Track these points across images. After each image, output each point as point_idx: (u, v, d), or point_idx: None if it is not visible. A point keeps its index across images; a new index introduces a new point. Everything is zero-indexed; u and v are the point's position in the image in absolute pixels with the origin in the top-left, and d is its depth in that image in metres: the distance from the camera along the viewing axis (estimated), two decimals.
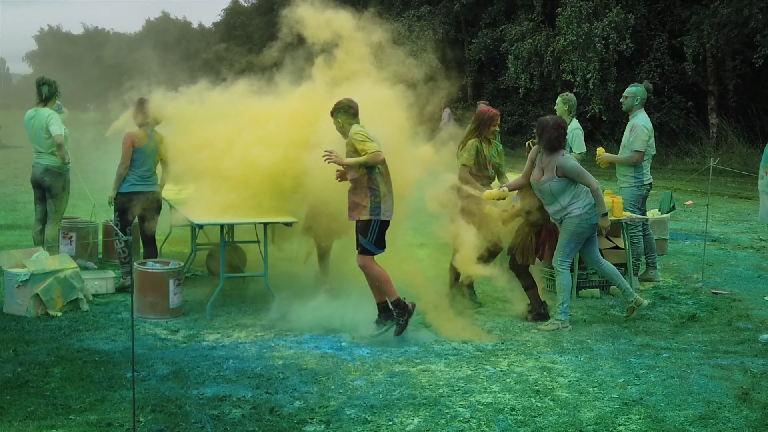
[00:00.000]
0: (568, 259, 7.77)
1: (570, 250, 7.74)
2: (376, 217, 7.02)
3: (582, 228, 7.63)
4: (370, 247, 7.08)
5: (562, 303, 7.70)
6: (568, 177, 7.57)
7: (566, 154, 7.72)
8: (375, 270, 7.09)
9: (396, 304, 7.08)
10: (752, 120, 23.52)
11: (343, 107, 7.20)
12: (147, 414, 5.42)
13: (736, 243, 12.35)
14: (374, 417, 5.47)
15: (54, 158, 8.92)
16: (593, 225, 7.69)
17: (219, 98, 8.77)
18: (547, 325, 7.71)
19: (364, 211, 7.03)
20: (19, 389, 5.83)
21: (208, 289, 8.59)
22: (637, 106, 9.19)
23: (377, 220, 7.03)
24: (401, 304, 7.08)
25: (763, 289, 9.33)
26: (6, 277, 7.93)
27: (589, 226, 7.66)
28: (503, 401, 5.79)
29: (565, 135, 7.79)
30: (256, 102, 8.71)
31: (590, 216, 7.62)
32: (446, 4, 32.72)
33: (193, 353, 6.77)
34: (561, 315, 7.69)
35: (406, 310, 7.07)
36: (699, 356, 6.87)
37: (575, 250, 7.82)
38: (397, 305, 7.07)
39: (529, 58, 27.15)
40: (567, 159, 7.63)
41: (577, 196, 7.63)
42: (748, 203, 16.96)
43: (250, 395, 5.82)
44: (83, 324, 7.55)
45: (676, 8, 25.29)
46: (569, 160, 7.64)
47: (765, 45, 21.43)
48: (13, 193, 16.58)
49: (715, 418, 5.53)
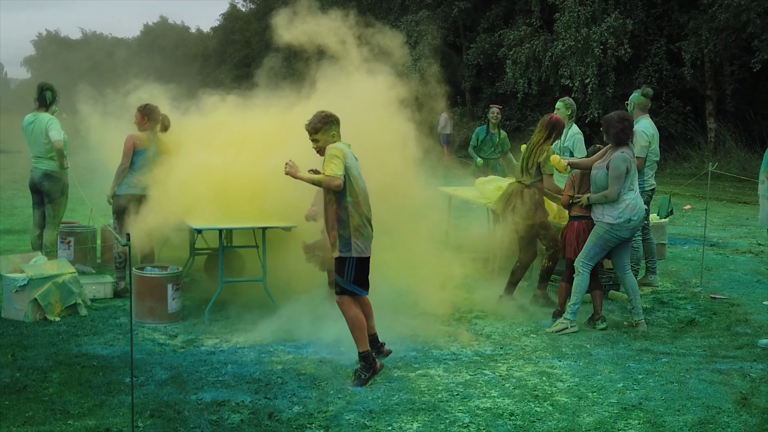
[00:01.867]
0: (590, 263, 7.72)
1: (594, 254, 7.71)
2: (346, 254, 6.23)
3: (610, 236, 7.59)
4: (349, 287, 6.30)
5: (573, 303, 7.70)
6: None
7: (625, 151, 7.56)
8: (352, 312, 6.30)
9: (364, 356, 6.30)
10: (750, 125, 23.55)
11: (335, 120, 6.40)
12: (146, 419, 5.41)
13: (734, 248, 12.36)
14: (373, 422, 5.46)
15: (53, 163, 8.92)
16: (622, 239, 7.61)
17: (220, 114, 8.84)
18: (556, 325, 7.72)
19: (335, 247, 6.28)
20: (17, 394, 5.82)
21: (206, 294, 8.58)
22: (637, 112, 9.21)
23: (350, 258, 6.25)
24: (369, 358, 6.31)
25: (761, 293, 9.33)
26: (4, 282, 7.92)
27: (616, 238, 7.60)
28: (502, 406, 5.78)
29: (630, 128, 7.61)
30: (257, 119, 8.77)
31: (621, 229, 7.54)
32: (444, 9, 32.75)
33: (192, 358, 6.76)
34: (570, 315, 7.70)
35: (372, 367, 6.28)
36: (698, 361, 6.87)
37: (599, 256, 7.75)
38: (365, 358, 6.29)
39: (527, 62, 27.18)
40: (620, 155, 7.50)
41: (615, 204, 7.55)
42: (746, 208, 16.98)
43: (249, 400, 5.81)
44: (81, 329, 7.53)
45: (674, 13, 25.33)
46: (620, 157, 7.50)
47: (763, 50, 21.47)
48: (11, 197, 16.57)
49: (714, 423, 5.52)
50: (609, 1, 25.37)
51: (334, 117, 6.42)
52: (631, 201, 7.52)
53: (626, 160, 7.50)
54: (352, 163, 6.27)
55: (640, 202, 7.65)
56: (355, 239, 6.22)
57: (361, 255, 6.27)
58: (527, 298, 8.76)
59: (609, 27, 24.28)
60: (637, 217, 7.54)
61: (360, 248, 6.25)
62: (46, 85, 9.13)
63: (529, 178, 8.45)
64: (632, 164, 7.54)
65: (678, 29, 24.97)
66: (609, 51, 24.37)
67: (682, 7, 25.03)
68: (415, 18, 32.31)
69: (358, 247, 6.24)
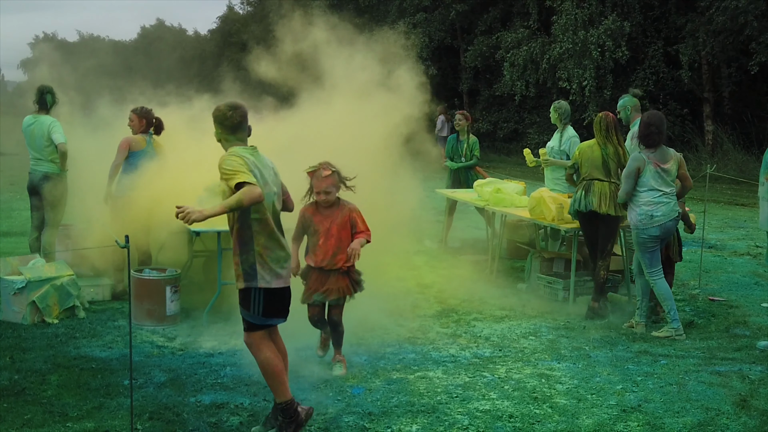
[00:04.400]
0: (652, 269, 7.69)
1: (647, 261, 7.69)
2: (251, 285, 5.09)
3: (642, 238, 7.62)
4: (256, 320, 5.17)
5: (668, 312, 7.68)
6: None
7: (643, 151, 7.60)
8: (264, 355, 5.17)
9: (283, 408, 5.15)
10: (748, 127, 23.58)
11: (217, 117, 5.21)
12: (144, 422, 5.40)
13: (732, 250, 12.37)
14: (372, 424, 5.46)
15: (53, 165, 8.92)
16: (653, 236, 7.59)
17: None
18: (662, 331, 7.70)
19: (239, 277, 5.14)
20: (15, 397, 5.81)
21: (205, 296, 8.57)
22: (633, 115, 9.23)
23: (257, 288, 5.10)
24: (291, 409, 5.16)
25: (760, 295, 9.34)
26: (2, 285, 7.90)
27: (649, 237, 7.59)
28: (501, 408, 5.78)
29: (656, 132, 7.59)
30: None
31: (646, 227, 7.56)
32: (442, 11, 32.80)
33: (191, 360, 6.75)
34: (673, 323, 7.67)
35: (295, 421, 5.16)
36: (697, 363, 6.87)
37: (654, 258, 7.70)
38: (284, 410, 5.15)
39: (524, 65, 27.22)
40: (633, 158, 7.64)
41: (635, 203, 7.63)
42: (744, 210, 17.00)
43: (248, 402, 5.80)
44: (80, 331, 7.52)
45: (671, 16, 25.37)
46: (633, 160, 7.63)
47: (760, 52, 21.51)
48: (9, 200, 16.54)
49: (713, 425, 5.52)
50: (606, 4, 25.42)
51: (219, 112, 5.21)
52: (651, 199, 7.56)
53: (637, 159, 7.58)
54: (258, 170, 5.08)
55: (665, 200, 7.59)
56: (260, 266, 5.10)
57: (268, 286, 5.13)
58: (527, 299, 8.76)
59: (606, 29, 24.32)
60: (660, 213, 7.54)
61: (266, 278, 5.11)
62: (47, 88, 9.13)
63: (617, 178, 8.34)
64: (647, 164, 7.55)
65: (675, 32, 25.01)
66: (606, 53, 24.41)
67: (679, 9, 25.08)
68: (412, 20, 32.36)
69: (265, 276, 5.10)
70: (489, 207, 10.24)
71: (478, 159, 12.28)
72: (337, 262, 6.34)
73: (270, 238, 5.14)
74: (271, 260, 5.12)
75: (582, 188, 8.34)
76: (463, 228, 13.44)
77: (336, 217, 6.36)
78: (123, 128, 9.02)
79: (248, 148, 5.19)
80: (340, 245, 6.32)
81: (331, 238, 6.33)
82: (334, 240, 6.33)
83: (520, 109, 30.64)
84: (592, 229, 8.44)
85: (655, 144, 7.60)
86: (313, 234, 6.42)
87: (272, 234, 5.15)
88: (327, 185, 6.25)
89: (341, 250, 6.32)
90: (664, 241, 7.77)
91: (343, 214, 6.37)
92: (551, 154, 10.06)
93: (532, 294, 9.17)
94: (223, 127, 5.19)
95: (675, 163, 7.66)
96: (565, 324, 8.07)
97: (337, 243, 6.32)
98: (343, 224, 6.35)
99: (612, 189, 8.19)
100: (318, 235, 6.37)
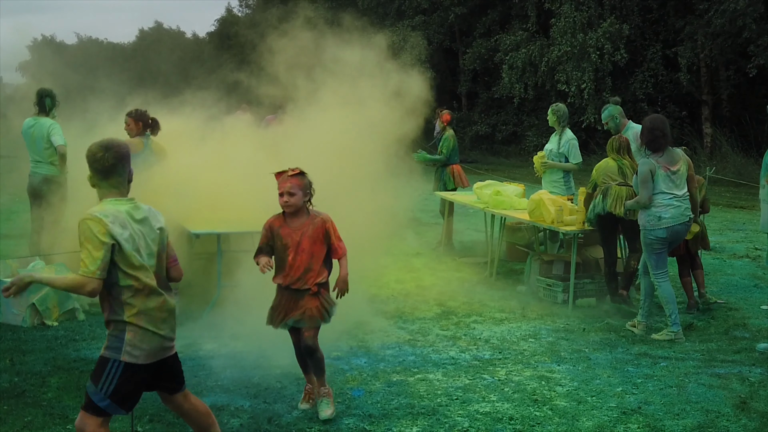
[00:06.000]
0: (658, 271, 7.70)
1: (654, 261, 7.69)
2: (114, 356, 4.13)
3: (650, 239, 7.62)
4: (99, 399, 4.13)
5: (669, 315, 7.68)
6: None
7: (650, 157, 7.62)
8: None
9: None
10: (746, 129, 23.59)
11: (88, 158, 4.28)
12: (145, 424, 5.40)
13: (731, 252, 12.37)
14: (372, 426, 5.46)
15: (53, 168, 8.93)
16: (661, 239, 7.59)
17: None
18: (661, 334, 7.70)
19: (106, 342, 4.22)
20: (16, 399, 5.81)
21: (204, 298, 8.56)
22: (622, 122, 9.33)
23: (117, 361, 4.12)
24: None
25: (759, 298, 9.34)
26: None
27: (656, 239, 7.59)
28: (501, 410, 5.78)
29: (660, 135, 7.63)
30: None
31: (654, 229, 7.56)
32: (441, 14, 32.83)
33: (191, 363, 6.74)
34: (673, 327, 7.66)
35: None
36: (697, 365, 6.87)
37: (660, 259, 7.70)
38: None
39: (523, 68, 27.24)
40: (643, 163, 7.62)
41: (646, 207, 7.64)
42: (743, 212, 17.00)
43: (248, 405, 5.80)
44: (80, 334, 7.53)
45: (670, 18, 25.40)
46: (643, 165, 7.61)
47: (758, 55, 21.54)
48: (9, 202, 16.52)
49: (713, 427, 5.53)
50: (605, 7, 25.46)
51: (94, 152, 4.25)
52: (660, 201, 7.56)
53: (648, 164, 7.59)
54: (129, 232, 4.18)
55: (675, 203, 7.58)
56: (131, 335, 4.14)
57: (135, 361, 4.16)
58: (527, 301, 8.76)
59: (605, 32, 24.34)
60: (669, 215, 7.53)
61: (134, 353, 4.15)
62: (46, 91, 9.14)
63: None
64: (657, 168, 7.56)
65: (674, 34, 25.04)
66: (605, 56, 24.42)
67: (678, 12, 25.11)
68: (411, 23, 32.38)
69: (134, 349, 4.15)
70: (488, 209, 10.26)
71: (444, 156, 12.26)
72: (307, 280, 5.57)
73: (148, 300, 4.20)
74: (147, 330, 4.17)
75: (600, 193, 8.46)
76: (462, 231, 13.45)
77: (306, 228, 5.57)
78: (122, 129, 9.01)
79: (123, 201, 4.28)
80: (311, 261, 5.57)
81: (302, 254, 5.54)
82: (306, 255, 5.55)
83: (518, 111, 30.66)
84: (611, 231, 8.61)
85: (661, 148, 7.61)
86: (280, 249, 5.61)
87: (151, 294, 4.22)
88: (292, 184, 5.52)
89: (312, 267, 5.57)
90: (672, 245, 7.79)
91: (314, 225, 5.59)
92: (549, 156, 10.10)
93: (532, 296, 9.18)
94: (94, 171, 4.26)
95: (684, 164, 7.70)
96: (565, 326, 8.07)
97: (309, 258, 5.56)
98: (315, 237, 5.57)
99: (628, 192, 8.23)
100: (287, 249, 5.57)
